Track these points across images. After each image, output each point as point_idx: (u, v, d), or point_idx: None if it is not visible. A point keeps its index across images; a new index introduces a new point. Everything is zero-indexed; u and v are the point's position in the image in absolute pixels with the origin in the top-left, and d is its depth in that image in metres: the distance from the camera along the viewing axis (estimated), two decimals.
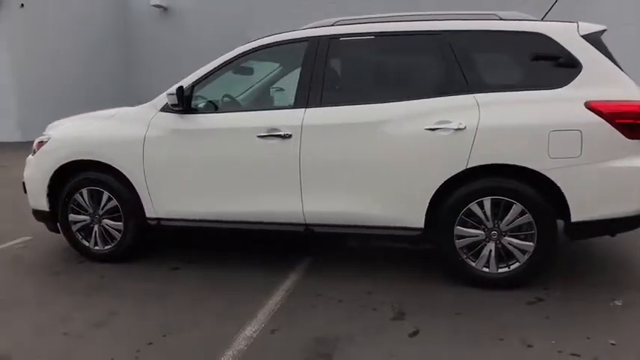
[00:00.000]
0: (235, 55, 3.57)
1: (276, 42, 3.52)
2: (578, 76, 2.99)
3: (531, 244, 3.07)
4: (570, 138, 2.91)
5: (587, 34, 3.06)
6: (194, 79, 3.56)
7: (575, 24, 3.10)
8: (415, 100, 3.15)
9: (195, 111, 3.55)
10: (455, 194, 3.11)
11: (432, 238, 3.24)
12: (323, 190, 3.30)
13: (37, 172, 3.88)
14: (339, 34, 3.39)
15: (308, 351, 2.53)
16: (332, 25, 3.45)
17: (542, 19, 3.41)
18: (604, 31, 3.13)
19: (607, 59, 3.01)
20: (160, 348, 2.62)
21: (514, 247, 3.10)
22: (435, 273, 3.44)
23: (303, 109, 3.31)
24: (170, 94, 3.38)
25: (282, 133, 3.29)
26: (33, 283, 3.59)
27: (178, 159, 3.53)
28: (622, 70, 3.01)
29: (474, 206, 3.10)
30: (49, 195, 3.85)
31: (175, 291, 3.33)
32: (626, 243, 3.84)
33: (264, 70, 3.67)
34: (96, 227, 3.83)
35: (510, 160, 2.99)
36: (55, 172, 3.78)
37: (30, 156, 4.09)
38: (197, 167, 3.50)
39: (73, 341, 2.70)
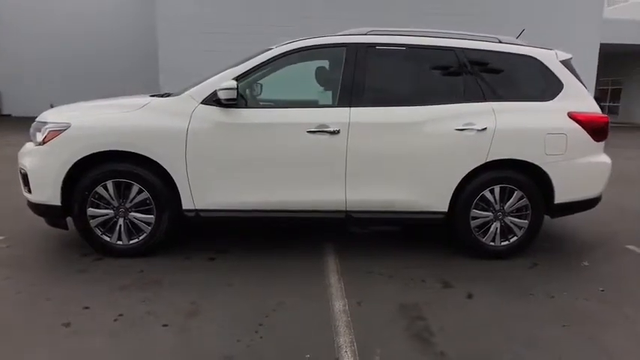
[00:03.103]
0: (275, 54, 3.78)
1: (316, 45, 3.83)
2: (560, 93, 3.91)
3: (526, 221, 3.92)
4: (559, 139, 3.81)
5: (562, 60, 4.00)
6: (234, 76, 3.68)
7: (554, 51, 4.03)
8: (445, 105, 3.77)
9: (236, 105, 3.66)
10: (473, 183, 3.81)
11: (451, 220, 3.90)
12: (365, 180, 3.72)
13: (50, 162, 3.57)
14: (376, 43, 3.84)
15: (403, 316, 2.98)
16: (366, 34, 3.89)
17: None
18: (571, 58, 4.11)
19: (577, 80, 3.99)
20: (274, 326, 2.80)
21: (514, 224, 3.92)
22: (442, 249, 4.12)
23: (348, 108, 3.69)
24: (226, 89, 3.47)
25: (331, 129, 3.63)
26: (63, 282, 3.36)
27: (226, 151, 3.62)
28: (586, 88, 4.02)
29: (486, 192, 3.84)
30: (62, 188, 3.60)
31: (234, 279, 3.45)
32: (559, 221, 4.96)
33: (300, 70, 3.91)
34: (120, 221, 3.69)
35: (519, 156, 3.79)
36: (74, 163, 3.55)
37: (30, 144, 3.73)
38: (245, 159, 3.64)
39: (181, 331, 2.73)
